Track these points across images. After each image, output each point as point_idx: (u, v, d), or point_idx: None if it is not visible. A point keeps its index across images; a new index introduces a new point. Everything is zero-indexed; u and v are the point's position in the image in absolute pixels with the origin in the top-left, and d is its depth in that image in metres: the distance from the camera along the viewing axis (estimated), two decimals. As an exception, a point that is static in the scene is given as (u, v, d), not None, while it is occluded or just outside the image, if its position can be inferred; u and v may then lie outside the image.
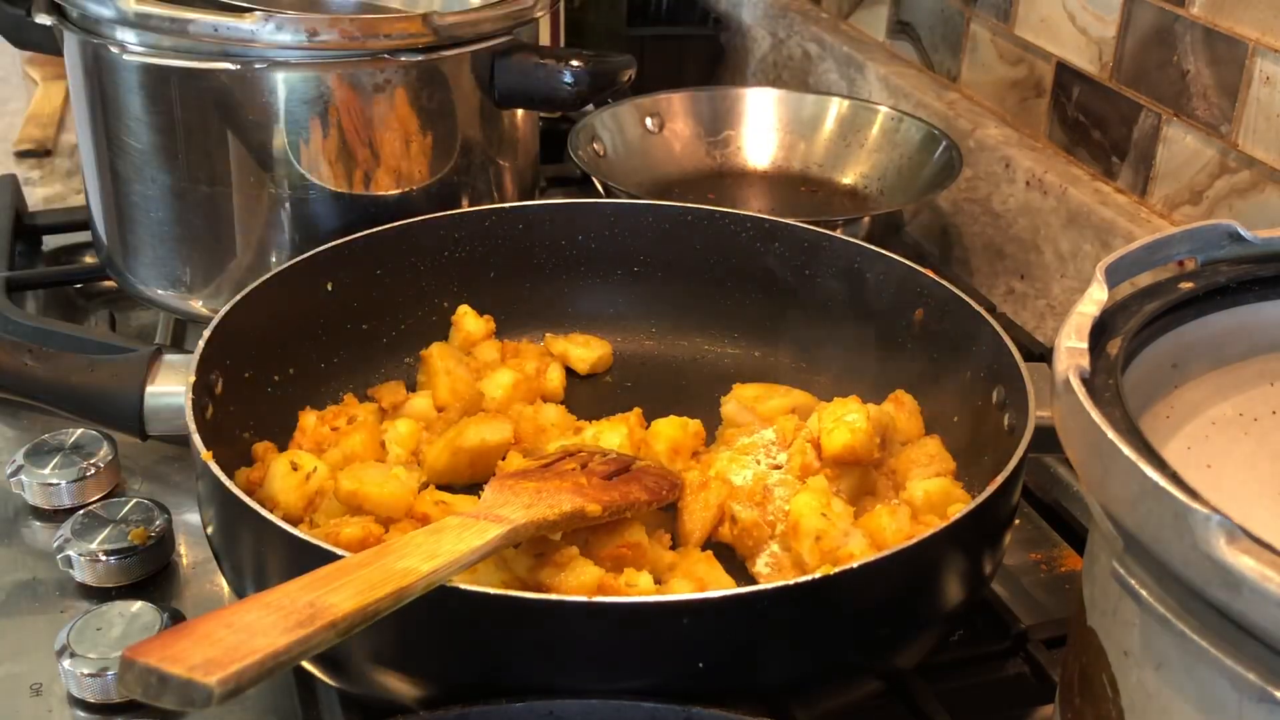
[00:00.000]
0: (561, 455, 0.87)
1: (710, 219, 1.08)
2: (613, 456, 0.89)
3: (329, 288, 1.00)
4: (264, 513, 0.72)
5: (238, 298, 0.92)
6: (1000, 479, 0.76)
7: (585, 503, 0.79)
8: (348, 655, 0.72)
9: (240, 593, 0.77)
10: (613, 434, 0.94)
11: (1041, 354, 1.10)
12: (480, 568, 0.78)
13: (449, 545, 0.68)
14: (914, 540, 0.72)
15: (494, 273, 1.08)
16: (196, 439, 0.78)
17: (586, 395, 1.05)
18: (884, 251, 1.02)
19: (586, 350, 1.07)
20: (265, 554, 0.74)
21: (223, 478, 0.75)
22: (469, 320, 1.05)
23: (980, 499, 0.74)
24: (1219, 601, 0.46)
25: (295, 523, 0.82)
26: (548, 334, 1.09)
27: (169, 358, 0.91)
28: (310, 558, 0.69)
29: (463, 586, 0.67)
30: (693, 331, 1.09)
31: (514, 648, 0.68)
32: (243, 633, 0.56)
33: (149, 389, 0.89)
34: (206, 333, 0.87)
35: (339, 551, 0.68)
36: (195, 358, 0.85)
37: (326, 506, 0.86)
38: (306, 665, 0.79)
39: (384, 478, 0.86)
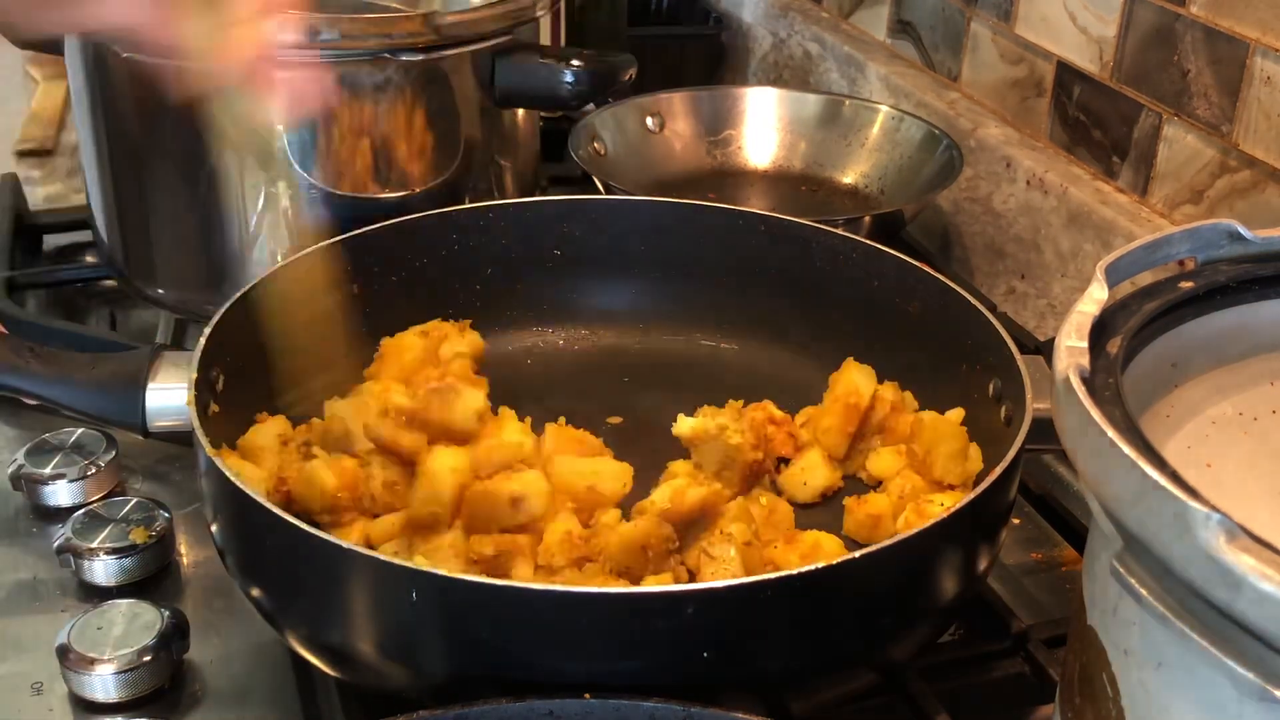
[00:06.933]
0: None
1: (707, 214, 1.08)
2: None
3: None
4: (271, 507, 0.72)
5: (238, 294, 0.92)
6: (997, 471, 0.75)
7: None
8: (349, 646, 0.72)
9: (245, 590, 0.77)
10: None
11: (1037, 347, 1.10)
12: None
13: None
14: (911, 532, 0.72)
15: (491, 269, 1.08)
16: (200, 434, 0.78)
17: (584, 393, 1.04)
18: (879, 245, 1.02)
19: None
20: (271, 548, 0.74)
21: (228, 472, 0.74)
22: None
23: (977, 491, 0.74)
24: (1219, 601, 0.46)
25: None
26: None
27: (170, 355, 0.91)
28: (315, 552, 0.69)
29: (464, 578, 0.68)
30: (689, 326, 1.09)
31: (514, 637, 0.68)
32: None
33: (150, 386, 0.89)
34: (208, 329, 0.87)
35: (342, 544, 0.68)
36: (197, 354, 0.85)
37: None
38: (307, 655, 0.79)
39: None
